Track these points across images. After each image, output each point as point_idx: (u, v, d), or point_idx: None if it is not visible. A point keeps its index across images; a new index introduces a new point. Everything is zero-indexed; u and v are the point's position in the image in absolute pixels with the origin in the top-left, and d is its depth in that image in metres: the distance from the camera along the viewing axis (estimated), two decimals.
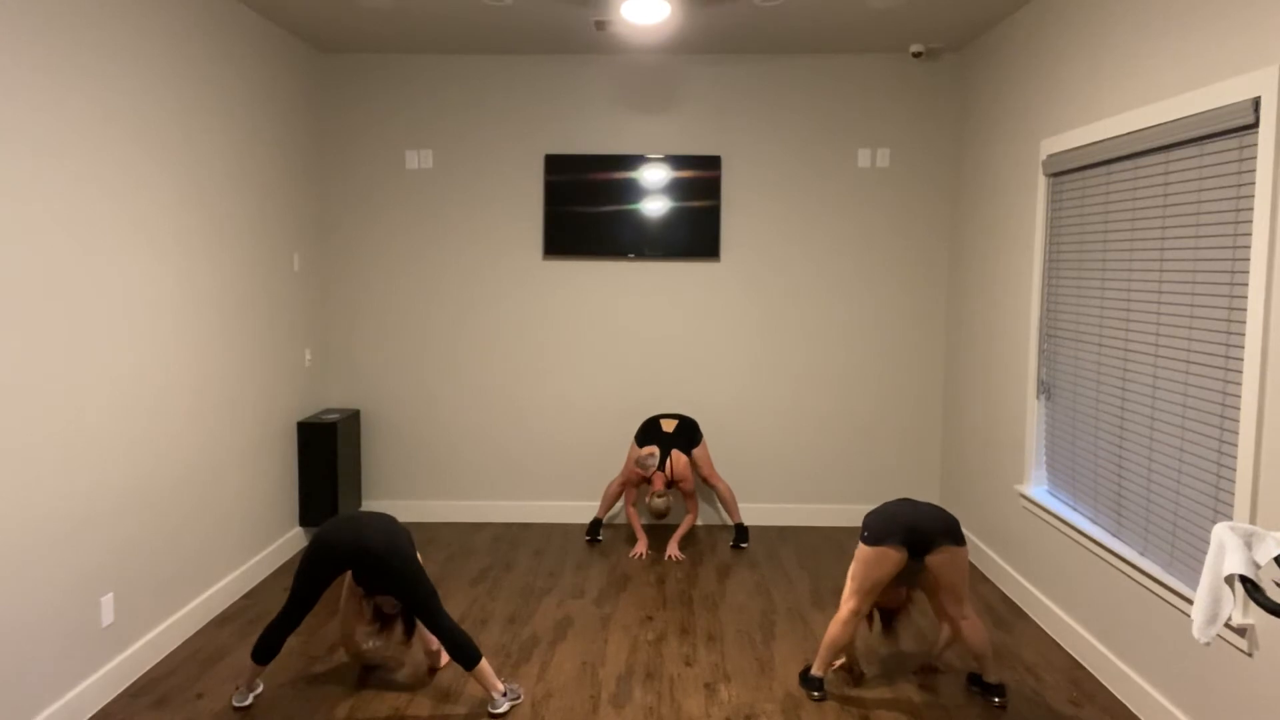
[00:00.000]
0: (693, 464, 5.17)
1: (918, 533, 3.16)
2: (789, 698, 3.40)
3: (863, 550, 3.23)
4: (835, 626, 3.30)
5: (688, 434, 5.15)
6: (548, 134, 5.48)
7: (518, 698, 3.34)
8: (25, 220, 2.92)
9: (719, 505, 5.63)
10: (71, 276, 3.14)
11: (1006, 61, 4.61)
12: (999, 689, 3.35)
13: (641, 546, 5.02)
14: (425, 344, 5.61)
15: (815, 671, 3.39)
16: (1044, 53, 4.16)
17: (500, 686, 3.25)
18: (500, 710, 3.25)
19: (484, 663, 3.20)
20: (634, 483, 5.14)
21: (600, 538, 5.26)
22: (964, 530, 5.11)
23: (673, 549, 5.00)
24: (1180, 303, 3.09)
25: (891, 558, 3.16)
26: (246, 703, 3.30)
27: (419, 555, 3.51)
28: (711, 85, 5.44)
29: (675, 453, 5.06)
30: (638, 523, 5.15)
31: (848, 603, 3.28)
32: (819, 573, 4.77)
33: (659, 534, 5.43)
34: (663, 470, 5.00)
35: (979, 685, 3.42)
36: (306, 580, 3.17)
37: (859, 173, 5.44)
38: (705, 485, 5.38)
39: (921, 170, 5.43)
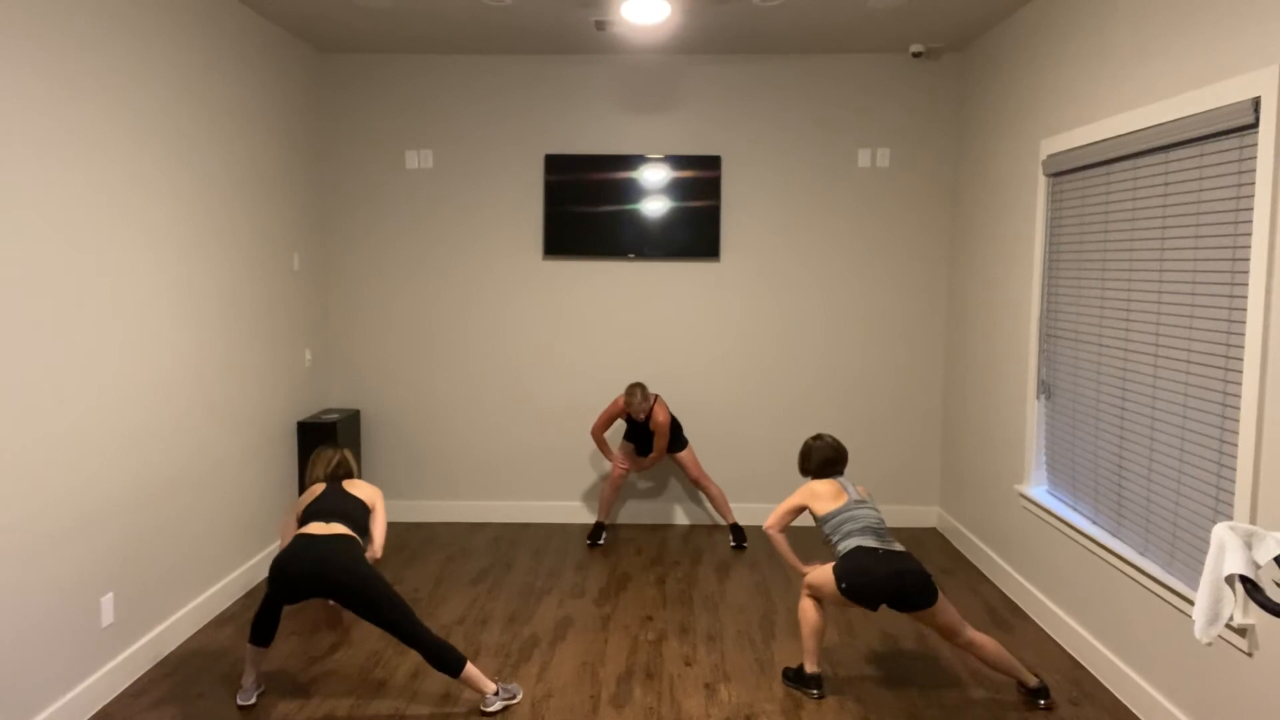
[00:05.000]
0: (682, 466, 5.20)
1: (892, 603, 3.22)
2: (789, 697, 3.40)
3: (835, 590, 3.29)
4: (808, 614, 3.42)
5: (675, 433, 5.16)
6: (548, 134, 5.48)
7: (512, 697, 3.33)
8: (24, 221, 2.92)
9: (710, 507, 5.64)
10: (70, 277, 3.14)
11: (1006, 61, 4.61)
12: (1040, 691, 3.34)
13: (618, 461, 5.18)
14: (425, 344, 5.61)
15: (809, 668, 3.40)
16: (1044, 53, 4.16)
17: (491, 686, 3.24)
18: (492, 709, 3.25)
19: (469, 666, 3.17)
20: (615, 416, 5.15)
21: (602, 542, 5.26)
22: (964, 530, 5.11)
23: (631, 465, 5.21)
24: (1180, 303, 3.09)
25: (854, 607, 3.30)
26: (251, 701, 3.31)
27: (377, 494, 3.50)
28: (711, 85, 5.44)
29: (658, 402, 5.09)
30: (609, 448, 5.21)
31: (808, 596, 3.44)
32: None
33: (667, 534, 5.44)
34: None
35: (1026, 694, 3.40)
36: (275, 600, 3.20)
37: (859, 173, 5.44)
38: (695, 487, 5.37)
39: (921, 170, 5.43)
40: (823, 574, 3.36)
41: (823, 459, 3.59)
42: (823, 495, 3.49)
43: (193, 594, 3.98)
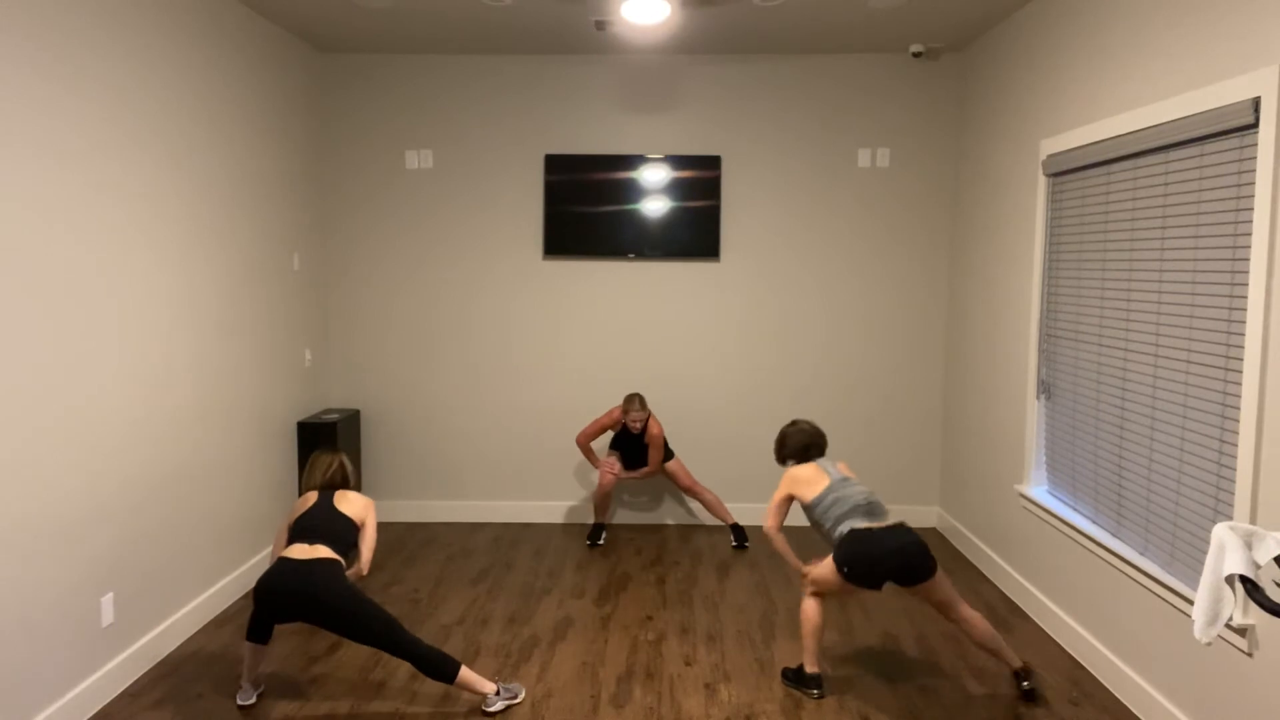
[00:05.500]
0: (672, 476, 5.20)
1: (894, 579, 3.22)
2: (789, 697, 3.40)
3: (839, 577, 3.28)
4: (810, 614, 3.40)
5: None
6: (548, 134, 5.48)
7: (514, 696, 3.33)
8: (25, 221, 2.92)
9: (707, 513, 5.63)
10: (71, 276, 3.14)
11: (1006, 61, 4.61)
12: (1023, 673, 3.35)
13: (608, 467, 5.11)
14: (425, 344, 5.61)
15: (809, 668, 3.40)
16: (1044, 53, 4.16)
17: (491, 686, 3.24)
18: (494, 709, 3.25)
19: (464, 671, 3.17)
20: (608, 427, 5.13)
21: (601, 542, 5.25)
22: (964, 530, 5.11)
23: (621, 472, 5.13)
24: (1180, 303, 3.09)
25: (861, 590, 3.29)
26: (250, 701, 3.31)
27: (369, 505, 3.49)
28: (711, 85, 5.44)
29: (651, 416, 5.09)
30: (594, 455, 5.19)
31: (812, 596, 3.41)
32: None
33: (668, 534, 5.44)
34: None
35: (1013, 675, 3.41)
36: (261, 619, 3.22)
37: (859, 173, 5.44)
38: (689, 495, 5.35)
39: (921, 170, 5.43)
40: (824, 567, 3.35)
41: (799, 444, 3.57)
42: (805, 479, 3.47)
43: (192, 594, 3.98)
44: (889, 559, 3.17)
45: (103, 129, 3.31)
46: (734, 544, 5.22)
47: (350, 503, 3.45)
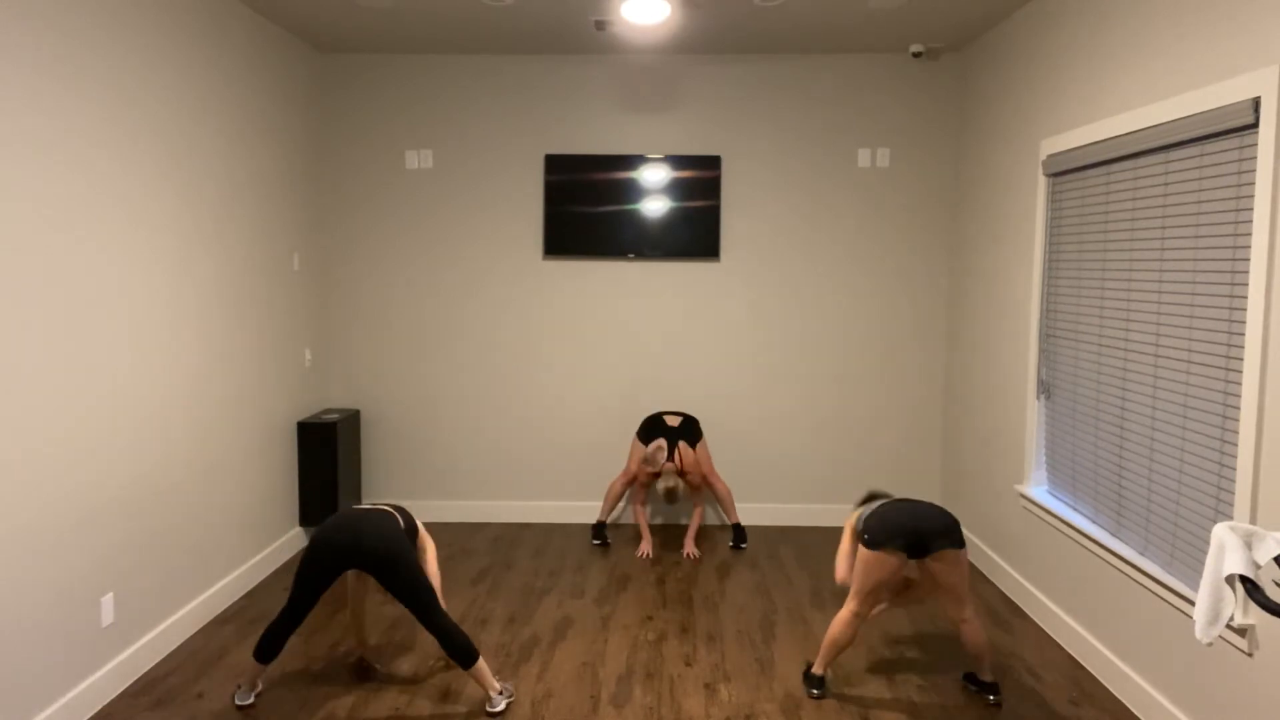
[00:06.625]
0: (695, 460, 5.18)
1: (918, 536, 3.18)
2: (789, 698, 3.40)
3: (863, 552, 3.25)
4: (836, 626, 3.33)
5: (690, 430, 5.15)
6: (548, 134, 5.48)
7: (511, 696, 3.35)
8: (24, 220, 2.92)
9: (716, 505, 5.63)
10: (70, 276, 3.14)
11: (1006, 61, 4.61)
12: (993, 687, 3.35)
13: (646, 546, 5.03)
14: (425, 344, 5.61)
15: (816, 670, 3.40)
16: (1044, 53, 4.16)
17: (497, 685, 3.26)
18: (498, 709, 3.26)
19: (481, 662, 3.20)
20: (643, 481, 5.13)
21: (608, 540, 5.25)
22: (964, 530, 5.11)
23: (689, 547, 5.03)
24: (1180, 303, 3.09)
25: (891, 562, 3.21)
26: (249, 701, 3.31)
27: (427, 535, 3.55)
28: (711, 85, 5.44)
29: (682, 444, 5.06)
30: (645, 522, 5.16)
31: (850, 603, 3.30)
32: (819, 573, 4.77)
33: (670, 533, 5.44)
34: (671, 461, 5.00)
35: (975, 683, 3.43)
36: (306, 581, 3.17)
37: (859, 173, 5.44)
38: (704, 485, 5.36)
39: (921, 170, 5.43)
40: (856, 562, 3.28)
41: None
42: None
43: (193, 594, 3.98)
44: (905, 517, 3.15)
45: (104, 129, 3.31)
46: (732, 544, 5.22)
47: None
